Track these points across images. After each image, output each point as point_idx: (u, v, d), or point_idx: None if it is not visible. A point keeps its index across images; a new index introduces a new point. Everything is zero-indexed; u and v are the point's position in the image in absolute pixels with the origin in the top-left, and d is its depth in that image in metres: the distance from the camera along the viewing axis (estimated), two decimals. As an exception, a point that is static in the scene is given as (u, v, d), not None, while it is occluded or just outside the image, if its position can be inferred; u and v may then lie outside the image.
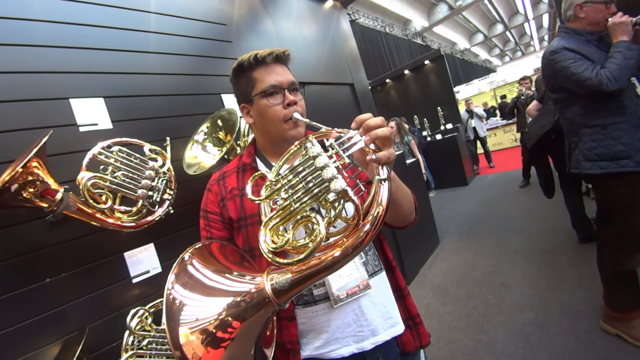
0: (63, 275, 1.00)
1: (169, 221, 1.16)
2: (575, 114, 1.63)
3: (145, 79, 1.29)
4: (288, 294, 0.52)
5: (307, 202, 0.54)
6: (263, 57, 0.78)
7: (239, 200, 0.79)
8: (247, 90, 0.80)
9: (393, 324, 0.79)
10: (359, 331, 0.74)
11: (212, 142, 1.35)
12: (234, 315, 0.51)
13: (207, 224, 0.82)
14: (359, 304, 0.75)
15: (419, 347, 0.82)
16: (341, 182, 0.52)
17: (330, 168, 0.53)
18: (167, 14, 1.41)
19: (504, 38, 19.54)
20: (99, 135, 1.10)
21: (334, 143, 0.58)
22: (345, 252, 0.51)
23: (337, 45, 2.51)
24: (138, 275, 1.13)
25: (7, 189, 0.76)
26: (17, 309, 0.91)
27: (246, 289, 0.54)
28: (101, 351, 1.01)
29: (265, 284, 0.52)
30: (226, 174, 0.86)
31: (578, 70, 1.49)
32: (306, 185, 0.55)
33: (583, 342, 1.76)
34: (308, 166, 0.56)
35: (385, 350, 0.77)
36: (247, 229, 0.76)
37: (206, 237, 0.80)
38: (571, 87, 1.56)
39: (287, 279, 0.51)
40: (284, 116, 0.76)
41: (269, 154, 0.85)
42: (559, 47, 1.58)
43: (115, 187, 0.99)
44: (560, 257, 2.71)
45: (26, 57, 1.03)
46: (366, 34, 9.58)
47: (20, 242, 0.94)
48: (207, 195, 0.85)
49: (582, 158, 1.61)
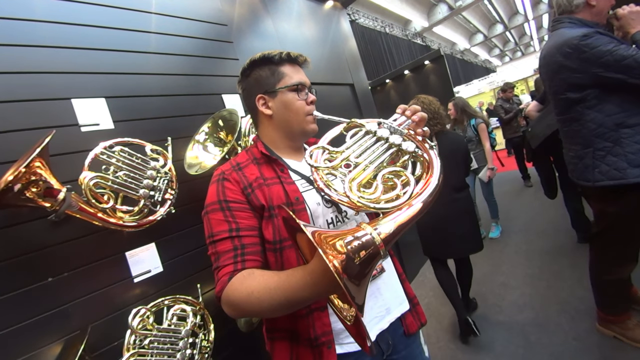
0: (65, 275, 1.00)
1: (171, 221, 1.16)
2: (606, 114, 1.35)
3: (146, 80, 1.29)
4: (392, 240, 0.54)
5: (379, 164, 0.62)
6: (295, 57, 0.86)
7: (267, 189, 0.78)
8: (270, 82, 0.84)
9: (401, 302, 0.87)
10: (379, 312, 0.81)
11: (213, 142, 1.35)
12: (351, 252, 0.50)
13: (230, 214, 0.75)
14: (377, 285, 0.82)
15: (420, 326, 0.89)
16: (411, 144, 0.64)
17: (395, 136, 0.65)
18: (168, 14, 1.42)
19: (504, 38, 19.55)
20: (100, 135, 1.10)
21: (385, 122, 0.69)
22: (428, 201, 0.58)
23: (337, 46, 2.52)
24: (139, 275, 1.13)
25: (10, 189, 0.76)
26: (20, 308, 0.91)
27: (357, 234, 0.53)
28: (103, 350, 1.01)
29: (372, 232, 0.53)
30: (241, 165, 0.84)
31: (631, 52, 1.21)
32: (375, 150, 0.64)
33: (583, 341, 1.77)
34: (367, 138, 0.67)
35: (392, 332, 0.83)
36: (276, 218, 0.75)
37: (229, 230, 0.73)
38: (617, 75, 1.26)
39: (390, 225, 0.55)
40: (307, 111, 0.84)
41: (279, 148, 0.87)
42: (591, 31, 1.30)
43: (117, 186, 0.99)
44: (560, 257, 2.72)
45: (28, 57, 1.04)
46: (366, 34, 9.59)
47: (22, 242, 0.95)
48: (224, 185, 0.78)
49: (627, 165, 1.32)
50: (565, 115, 1.51)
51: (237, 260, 0.70)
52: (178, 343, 1.03)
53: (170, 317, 1.07)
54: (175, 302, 1.12)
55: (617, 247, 1.54)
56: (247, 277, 0.66)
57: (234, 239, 0.72)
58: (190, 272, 1.27)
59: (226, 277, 0.68)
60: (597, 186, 1.43)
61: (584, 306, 1.97)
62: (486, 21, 15.68)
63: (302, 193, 0.79)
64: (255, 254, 0.72)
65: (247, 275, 0.67)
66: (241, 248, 0.71)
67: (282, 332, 0.79)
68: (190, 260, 1.29)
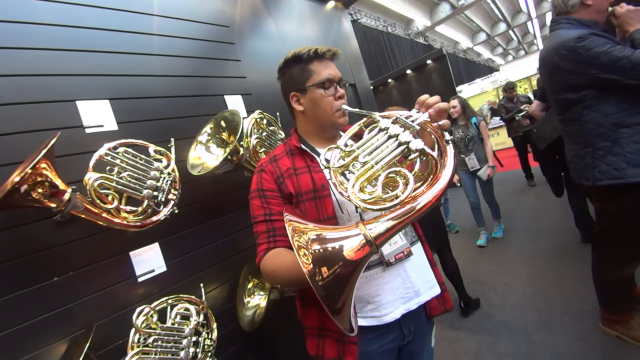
0: (70, 274, 1.01)
1: (174, 221, 1.17)
2: (605, 114, 1.36)
3: (149, 81, 1.31)
4: (384, 236, 0.58)
5: (386, 163, 0.63)
6: (323, 53, 0.89)
7: (295, 179, 0.88)
8: (301, 79, 0.90)
9: (432, 286, 0.91)
10: (405, 293, 0.86)
11: (215, 142, 1.36)
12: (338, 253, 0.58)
13: (265, 201, 0.87)
14: (404, 268, 0.87)
15: (444, 312, 0.93)
16: (419, 142, 0.64)
17: (405, 133, 0.65)
18: (170, 16, 1.43)
19: (507, 37, 19.44)
20: (105, 137, 1.12)
21: (400, 117, 0.69)
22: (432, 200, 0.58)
23: (338, 46, 2.51)
24: (143, 275, 1.15)
25: (17, 190, 0.78)
26: (26, 307, 0.93)
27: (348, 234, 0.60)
28: (108, 348, 1.02)
29: (365, 230, 0.58)
30: (277, 157, 0.94)
31: (626, 53, 1.21)
32: (384, 149, 0.65)
33: (586, 341, 1.76)
34: (380, 135, 0.68)
35: (416, 319, 0.89)
36: (304, 204, 0.85)
37: (264, 214, 0.86)
38: (613, 76, 1.27)
39: (383, 224, 0.58)
40: (336, 106, 0.88)
41: (314, 139, 0.95)
42: (586, 32, 1.30)
43: (121, 187, 1.00)
44: (563, 257, 2.70)
45: (33, 60, 1.05)
46: (368, 33, 9.58)
47: (29, 242, 0.96)
48: (262, 175, 0.91)
49: (626, 165, 1.33)
50: (565, 115, 1.51)
51: (270, 240, 0.83)
52: (181, 341, 1.04)
53: (173, 316, 1.08)
54: (179, 301, 1.13)
55: (619, 247, 1.53)
56: (275, 255, 0.81)
57: (268, 222, 0.85)
58: (193, 272, 1.29)
59: (262, 252, 0.83)
60: (597, 186, 1.43)
61: (587, 306, 1.96)
62: (489, 20, 15.61)
63: (329, 181, 0.85)
64: (284, 236, 0.81)
65: (276, 253, 0.81)
66: (273, 230, 0.84)
67: (311, 301, 0.87)
68: (194, 260, 1.30)
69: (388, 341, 0.87)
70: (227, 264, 1.40)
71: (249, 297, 1.37)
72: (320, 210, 0.85)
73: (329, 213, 0.84)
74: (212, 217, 1.40)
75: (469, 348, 2.02)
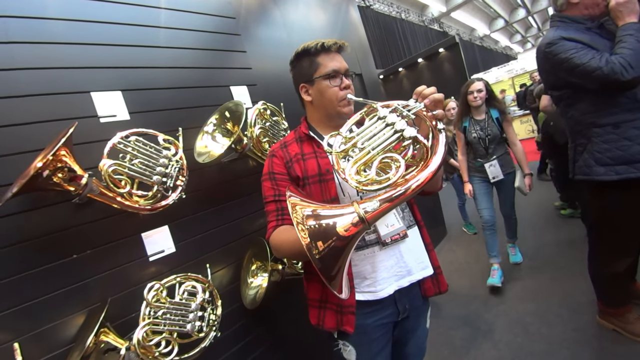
0: (88, 252, 1.10)
1: (182, 205, 1.25)
2: (582, 112, 1.42)
3: (158, 73, 1.36)
4: (375, 214, 0.64)
5: (382, 149, 0.68)
6: (329, 46, 0.95)
7: (303, 163, 0.96)
8: (309, 72, 0.96)
9: (424, 267, 0.99)
10: (398, 271, 0.94)
11: (221, 132, 1.42)
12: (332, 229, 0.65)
13: (275, 183, 0.96)
14: (399, 249, 0.95)
15: (438, 293, 1.01)
16: (412, 130, 0.68)
17: (401, 121, 0.70)
18: (177, 9, 1.47)
19: (526, 24, 18.63)
20: (117, 126, 1.18)
21: (398, 107, 0.73)
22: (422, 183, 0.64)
23: (345, 35, 2.52)
24: (154, 254, 1.23)
25: (40, 174, 0.86)
26: (49, 281, 1.02)
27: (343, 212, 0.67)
28: (122, 320, 1.12)
29: (359, 209, 0.65)
30: (287, 143, 1.03)
31: (583, 60, 1.28)
32: (380, 136, 0.70)
33: (582, 332, 1.79)
34: (378, 124, 0.72)
35: (411, 299, 0.98)
36: (310, 186, 0.94)
37: (274, 195, 0.94)
38: (577, 81, 1.35)
39: (376, 203, 0.65)
40: (341, 96, 0.95)
41: (322, 127, 1.01)
42: (556, 37, 1.37)
43: (133, 173, 1.08)
44: (564, 250, 2.70)
45: (49, 54, 1.11)
46: (381, 20, 9.37)
47: (51, 222, 1.04)
48: (272, 160, 0.99)
49: (594, 162, 1.39)
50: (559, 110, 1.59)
51: (279, 218, 0.92)
52: (188, 315, 1.13)
53: (181, 292, 1.17)
54: (187, 279, 1.22)
55: (609, 241, 1.56)
56: (282, 232, 0.89)
57: (277, 202, 0.93)
58: (200, 254, 1.37)
59: (271, 229, 0.92)
60: (575, 180, 1.51)
61: (586, 298, 1.98)
62: (507, 5, 14.97)
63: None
64: None
65: (282, 230, 0.89)
66: (281, 210, 0.92)
67: (315, 275, 0.94)
68: (201, 242, 1.38)
69: (384, 316, 0.94)
70: (232, 246, 1.48)
71: (252, 277, 1.46)
72: (325, 192, 0.92)
73: (331, 195, 0.92)
74: (219, 202, 1.47)
75: (464, 334, 2.08)
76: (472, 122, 2.45)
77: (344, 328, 0.89)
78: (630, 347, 1.61)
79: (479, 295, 2.46)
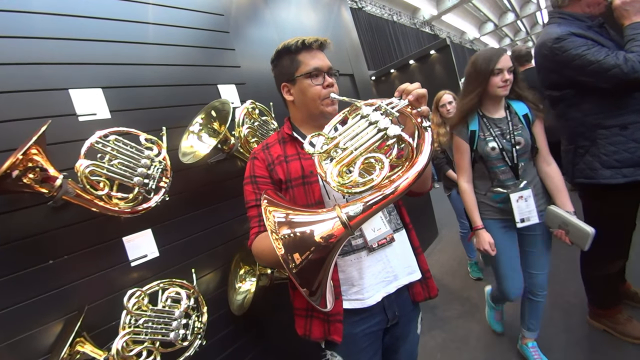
0: (65, 258, 1.05)
1: (166, 208, 1.20)
2: (586, 113, 1.35)
3: (142, 70, 1.31)
4: (359, 218, 0.62)
5: (365, 148, 0.65)
6: (310, 43, 0.91)
7: (285, 165, 0.92)
8: (290, 70, 0.92)
9: (411, 272, 0.96)
10: (385, 277, 0.91)
11: (207, 132, 1.38)
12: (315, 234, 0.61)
13: (256, 187, 0.92)
14: (386, 253, 0.91)
15: (428, 298, 0.98)
16: (396, 128, 0.65)
17: (385, 120, 0.66)
18: (164, 4, 1.42)
19: (515, 27, 18.98)
20: (98, 125, 1.13)
21: (382, 104, 0.70)
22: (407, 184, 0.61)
23: (337, 36, 2.49)
24: (136, 259, 1.18)
25: (9, 175, 0.80)
26: (23, 288, 0.96)
27: (324, 217, 0.64)
28: (101, 329, 1.06)
29: (341, 213, 0.62)
30: (269, 144, 0.99)
31: (597, 57, 1.20)
32: (363, 135, 0.66)
33: (573, 333, 1.79)
34: (361, 122, 0.69)
35: (401, 304, 0.94)
36: (293, 189, 0.90)
37: (255, 199, 0.91)
38: (587, 79, 1.27)
39: (359, 206, 0.62)
40: (323, 95, 0.90)
41: (305, 127, 0.98)
42: (564, 32, 1.28)
43: (111, 174, 1.03)
44: (557, 250, 2.70)
45: (27, 49, 1.06)
46: (373, 22, 9.42)
47: (25, 226, 0.99)
48: (254, 163, 0.95)
49: (599, 165, 1.34)
50: (554, 111, 1.53)
51: (260, 224, 0.89)
52: (171, 323, 1.08)
53: (164, 299, 1.12)
54: (171, 285, 1.17)
55: (603, 244, 1.51)
56: (263, 239, 0.86)
57: (258, 207, 0.86)
58: (185, 258, 1.32)
59: (253, 235, 0.89)
60: (575, 183, 1.47)
61: (576, 300, 1.98)
62: (497, 9, 15.23)
63: None
64: None
65: (264, 237, 0.85)
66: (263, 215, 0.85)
67: None
68: (186, 246, 1.33)
69: (372, 324, 0.91)
70: (219, 251, 1.43)
71: (240, 282, 1.41)
72: (309, 195, 0.89)
73: (316, 198, 0.88)
74: (205, 205, 1.42)
75: (456, 336, 2.07)
76: (485, 124, 1.45)
77: (332, 337, 0.86)
78: (621, 347, 1.62)
79: (471, 296, 2.45)
